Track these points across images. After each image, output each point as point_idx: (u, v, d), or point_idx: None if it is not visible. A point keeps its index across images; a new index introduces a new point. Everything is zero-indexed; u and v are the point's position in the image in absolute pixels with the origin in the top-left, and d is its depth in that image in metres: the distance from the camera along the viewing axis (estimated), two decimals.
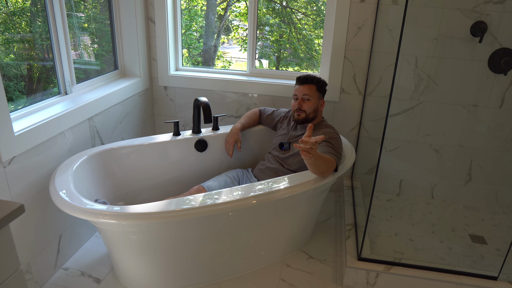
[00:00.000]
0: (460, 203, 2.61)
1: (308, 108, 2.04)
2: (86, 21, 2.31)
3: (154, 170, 2.19)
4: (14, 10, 1.85)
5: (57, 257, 1.91)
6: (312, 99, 2.04)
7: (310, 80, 2.05)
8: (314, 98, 2.04)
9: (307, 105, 2.04)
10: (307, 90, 2.04)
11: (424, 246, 2.13)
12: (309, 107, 2.04)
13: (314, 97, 2.04)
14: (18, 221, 1.65)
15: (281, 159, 2.10)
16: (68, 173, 1.74)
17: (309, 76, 2.06)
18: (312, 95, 2.04)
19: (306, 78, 2.06)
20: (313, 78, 2.05)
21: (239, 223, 1.77)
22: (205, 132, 2.30)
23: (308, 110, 2.05)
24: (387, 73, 2.35)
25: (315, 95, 2.05)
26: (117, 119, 2.36)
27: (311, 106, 2.04)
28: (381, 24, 2.29)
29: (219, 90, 2.67)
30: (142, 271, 1.77)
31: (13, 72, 1.84)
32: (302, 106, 2.05)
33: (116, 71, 2.55)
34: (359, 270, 1.83)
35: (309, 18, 2.80)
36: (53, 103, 1.95)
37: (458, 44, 2.25)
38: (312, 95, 2.04)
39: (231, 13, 3.04)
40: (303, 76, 2.07)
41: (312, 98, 2.04)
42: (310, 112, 2.05)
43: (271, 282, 1.91)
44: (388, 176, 2.67)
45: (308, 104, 2.04)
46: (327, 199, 2.68)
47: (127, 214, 1.49)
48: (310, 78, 2.05)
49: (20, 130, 1.61)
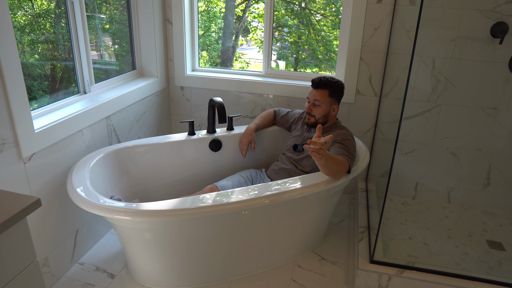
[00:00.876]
0: (478, 208, 2.56)
1: (317, 114, 2.02)
2: (107, 22, 2.36)
3: (169, 168, 2.23)
4: (40, 12, 1.91)
5: (73, 251, 1.96)
6: (323, 105, 2.00)
7: (323, 84, 1.98)
8: (325, 104, 2.00)
9: (316, 110, 2.02)
10: (318, 95, 1.99)
11: (439, 251, 2.09)
12: (318, 112, 2.02)
13: (325, 103, 2.00)
14: (37, 215, 1.70)
15: (295, 160, 2.10)
16: (85, 170, 1.78)
17: (323, 79, 1.99)
18: (323, 101, 1.99)
19: (319, 82, 1.99)
20: (326, 83, 1.98)
21: (252, 222, 1.78)
22: (220, 132, 2.32)
23: (317, 116, 2.02)
24: (404, 75, 2.32)
25: (326, 100, 2.00)
26: (134, 118, 2.41)
27: (320, 112, 2.01)
28: (398, 25, 2.26)
29: (235, 91, 2.69)
30: (155, 268, 1.80)
31: (37, 72, 1.90)
32: (311, 111, 2.03)
33: (133, 71, 2.60)
34: (371, 273, 1.82)
35: (328, 20, 2.79)
36: (72, 102, 2.00)
37: (478, 45, 2.21)
38: (323, 101, 1.99)
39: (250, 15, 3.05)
40: (317, 80, 2.00)
41: (323, 104, 2.00)
42: (319, 118, 2.03)
43: (282, 282, 1.92)
44: (404, 179, 2.63)
45: (318, 110, 2.01)
46: (341, 201, 2.66)
47: (142, 211, 1.52)
48: (323, 82, 1.98)
49: (40, 128, 1.66)
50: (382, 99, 2.45)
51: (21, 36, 1.80)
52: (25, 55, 1.82)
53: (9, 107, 1.48)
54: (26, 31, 1.84)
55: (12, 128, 1.51)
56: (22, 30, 1.81)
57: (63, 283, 1.86)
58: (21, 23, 1.82)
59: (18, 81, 1.50)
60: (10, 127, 1.50)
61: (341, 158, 1.76)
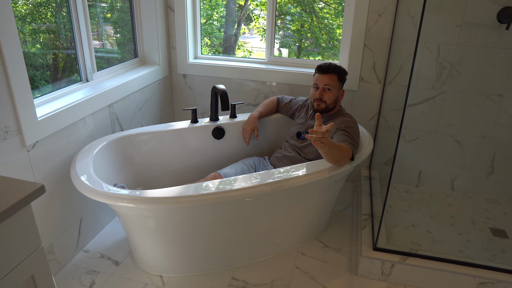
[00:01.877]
0: (482, 195, 2.55)
1: (328, 99, 2.01)
2: (108, 10, 2.34)
3: (172, 156, 2.23)
4: (40, 1, 1.89)
5: (78, 239, 1.98)
6: (333, 89, 2.00)
7: (332, 69, 1.99)
8: (335, 89, 2.01)
9: (328, 95, 2.01)
10: (328, 80, 2.00)
11: (442, 238, 2.09)
12: (329, 97, 2.01)
13: (335, 88, 2.01)
14: (41, 203, 1.71)
15: (298, 148, 2.09)
16: (89, 158, 1.78)
17: (331, 65, 2.01)
18: (333, 85, 2.00)
19: (329, 67, 2.00)
20: (335, 68, 2.00)
21: (255, 209, 1.78)
22: (223, 119, 2.31)
23: (328, 101, 2.02)
24: (408, 62, 2.29)
25: (336, 85, 2.01)
26: (137, 106, 2.40)
27: (331, 96, 2.01)
28: (402, 11, 2.23)
29: (238, 78, 2.68)
30: (159, 255, 1.81)
31: (39, 62, 1.89)
32: (322, 97, 2.02)
33: (136, 59, 2.58)
34: (374, 260, 1.82)
35: (331, 7, 2.75)
36: (75, 90, 2.00)
37: (484, 31, 2.18)
38: (334, 86, 2.00)
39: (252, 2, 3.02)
40: (325, 65, 2.01)
41: (333, 88, 2.00)
42: (330, 103, 2.02)
43: (285, 269, 1.93)
44: (407, 167, 2.63)
45: (329, 94, 2.01)
46: (344, 188, 2.66)
47: (145, 198, 1.53)
48: (332, 67, 2.00)
49: (43, 116, 1.66)
50: (386, 86, 2.43)
51: (22, 26, 1.79)
52: (27, 45, 1.81)
53: (12, 95, 1.48)
54: (27, 21, 1.82)
55: (15, 115, 1.51)
56: (23, 20, 1.80)
57: (68, 270, 1.88)
58: (22, 12, 1.80)
59: (20, 68, 1.49)
60: (13, 115, 1.50)
61: (344, 145, 1.75)
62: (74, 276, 1.84)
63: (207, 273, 1.88)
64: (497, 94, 2.29)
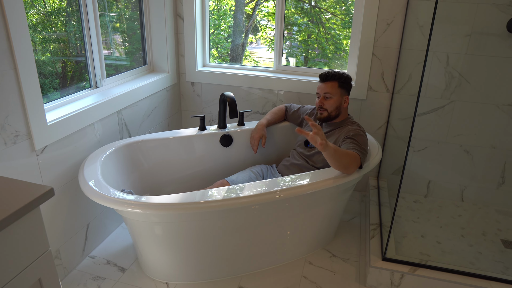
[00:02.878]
0: (492, 207, 2.51)
1: (329, 107, 2.01)
2: (117, 20, 2.37)
3: (180, 163, 2.23)
4: (51, 10, 1.92)
5: (84, 245, 1.97)
6: (334, 96, 1.99)
7: (331, 76, 1.99)
8: (336, 95, 1.99)
9: (328, 103, 2.00)
10: (328, 87, 1.99)
11: (452, 249, 2.06)
12: (330, 105, 2.00)
13: (336, 94, 1.99)
14: (49, 208, 1.71)
15: (306, 156, 2.08)
16: (97, 164, 1.79)
17: (329, 72, 2.00)
18: (333, 92, 1.99)
19: (327, 75, 2.00)
20: (335, 75, 1.99)
21: (262, 217, 1.77)
22: (231, 127, 2.31)
23: (329, 109, 2.01)
24: (417, 71, 2.29)
25: (337, 92, 1.99)
26: (145, 113, 2.41)
27: (332, 104, 2.00)
28: (411, 20, 2.23)
29: (246, 87, 2.68)
30: (166, 262, 1.79)
31: (49, 70, 1.91)
32: (323, 105, 2.01)
33: (144, 66, 2.60)
34: (383, 270, 1.79)
35: (338, 18, 2.76)
36: (84, 96, 2.01)
37: (493, 40, 2.17)
38: (334, 93, 1.99)
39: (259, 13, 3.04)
40: (324, 73, 2.01)
41: (334, 95, 1.99)
42: (332, 110, 2.01)
43: (292, 279, 1.90)
44: (416, 177, 2.60)
45: (330, 102, 2.00)
46: (352, 198, 2.64)
47: (152, 204, 1.52)
48: (331, 74, 1.99)
49: (53, 120, 1.67)
50: (394, 96, 2.42)
51: (33, 35, 1.81)
52: (37, 53, 1.83)
53: (23, 100, 1.49)
54: (38, 29, 1.85)
55: (25, 120, 1.52)
56: (34, 29, 1.83)
57: (74, 275, 1.87)
58: (33, 21, 1.83)
59: (31, 73, 1.51)
60: (23, 119, 1.51)
61: (351, 152, 1.74)
62: (80, 282, 1.83)
63: (213, 281, 1.86)
64: (507, 104, 2.27)
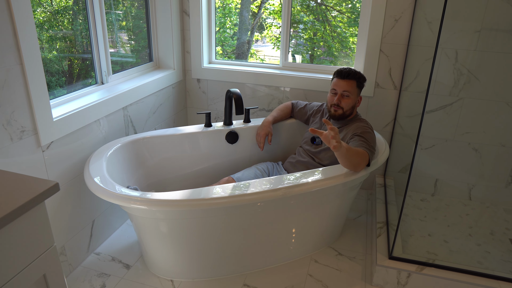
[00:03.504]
0: (501, 206, 2.48)
1: (346, 105, 1.98)
2: (123, 18, 2.36)
3: (185, 160, 2.22)
4: (58, 8, 1.92)
5: (89, 241, 1.97)
6: (352, 96, 1.97)
7: (352, 75, 1.96)
8: (353, 95, 1.97)
9: (346, 102, 1.97)
10: (347, 86, 1.96)
11: (459, 249, 2.03)
12: (347, 104, 1.98)
13: (354, 94, 1.97)
14: (55, 204, 1.71)
15: (312, 153, 2.06)
16: (102, 160, 1.78)
17: (351, 71, 1.97)
18: (352, 91, 1.96)
19: (349, 72, 1.96)
20: (355, 74, 1.96)
21: (267, 215, 1.75)
22: (237, 124, 2.30)
23: (346, 107, 1.98)
24: (425, 68, 2.26)
25: (354, 91, 1.97)
26: (151, 110, 2.40)
27: (349, 103, 1.98)
28: (419, 16, 2.20)
29: (252, 84, 2.67)
30: (171, 259, 1.79)
31: (55, 68, 1.91)
32: (340, 103, 1.98)
33: (150, 63, 2.60)
34: (389, 269, 1.78)
35: (344, 16, 2.74)
36: (90, 92, 2.01)
37: (503, 37, 2.13)
38: (352, 92, 1.96)
39: (265, 11, 3.03)
40: (345, 71, 1.97)
41: (352, 94, 1.97)
42: (347, 109, 1.99)
43: (298, 277, 1.89)
44: (423, 175, 2.57)
45: (347, 101, 1.97)
46: (359, 196, 2.61)
47: (158, 200, 1.51)
48: (352, 73, 1.96)
49: (59, 116, 1.67)
50: (402, 93, 2.39)
51: (40, 33, 1.81)
52: (44, 51, 1.84)
53: (29, 95, 1.49)
54: (45, 28, 1.85)
55: (32, 116, 1.52)
56: (41, 27, 1.82)
57: (79, 272, 1.87)
58: (40, 19, 1.83)
59: (38, 69, 1.50)
60: (30, 115, 1.51)
61: (361, 150, 1.72)
62: (85, 278, 1.83)
63: (218, 279, 1.85)
64: None
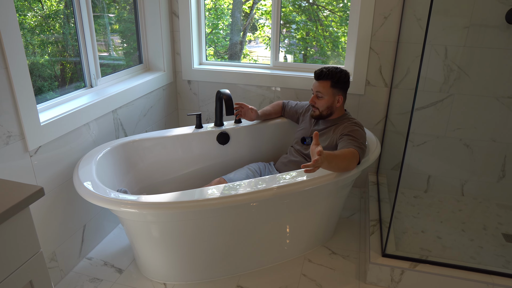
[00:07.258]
0: (493, 201, 2.49)
1: (321, 106, 1.97)
2: (116, 21, 2.35)
3: (176, 162, 2.20)
4: (49, 13, 1.90)
5: (81, 246, 1.95)
6: (325, 96, 1.94)
7: (324, 75, 1.93)
8: (327, 95, 1.94)
9: (320, 102, 1.97)
10: (320, 86, 1.95)
11: (452, 244, 2.04)
12: (321, 105, 1.96)
13: (328, 94, 1.94)
14: (44, 209, 1.69)
15: (303, 153, 2.06)
16: (92, 164, 1.76)
17: (324, 70, 1.94)
18: (325, 92, 1.94)
19: (320, 73, 1.94)
20: (328, 74, 1.92)
21: (260, 215, 1.75)
22: (228, 125, 2.29)
23: (320, 108, 1.97)
24: (415, 65, 2.27)
25: (328, 92, 1.94)
26: (141, 112, 2.39)
27: (323, 104, 1.96)
28: (408, 13, 2.20)
29: (243, 84, 2.66)
30: (163, 262, 1.77)
31: (48, 73, 1.90)
32: (315, 103, 1.98)
33: (140, 65, 2.58)
34: (383, 266, 1.77)
35: (336, 15, 2.74)
36: (79, 95, 1.99)
37: (492, 32, 2.14)
38: (325, 92, 1.94)
39: (257, 11, 3.02)
40: (318, 71, 1.95)
41: (325, 95, 1.94)
42: (323, 110, 1.97)
43: (292, 277, 1.88)
44: (415, 172, 2.58)
45: (321, 101, 1.96)
46: (351, 194, 2.61)
47: (148, 203, 1.50)
48: (324, 73, 1.93)
49: (46, 121, 1.65)
50: (392, 90, 2.40)
51: (31, 37, 1.79)
52: (36, 56, 1.82)
53: (15, 99, 1.47)
54: (36, 32, 1.83)
55: (18, 120, 1.50)
56: (32, 31, 1.81)
57: (71, 278, 1.85)
58: (31, 24, 1.81)
59: (23, 73, 1.48)
60: (16, 120, 1.49)
61: (347, 150, 1.71)
62: (76, 284, 1.81)
63: (212, 281, 1.84)
64: (507, 96, 2.25)
